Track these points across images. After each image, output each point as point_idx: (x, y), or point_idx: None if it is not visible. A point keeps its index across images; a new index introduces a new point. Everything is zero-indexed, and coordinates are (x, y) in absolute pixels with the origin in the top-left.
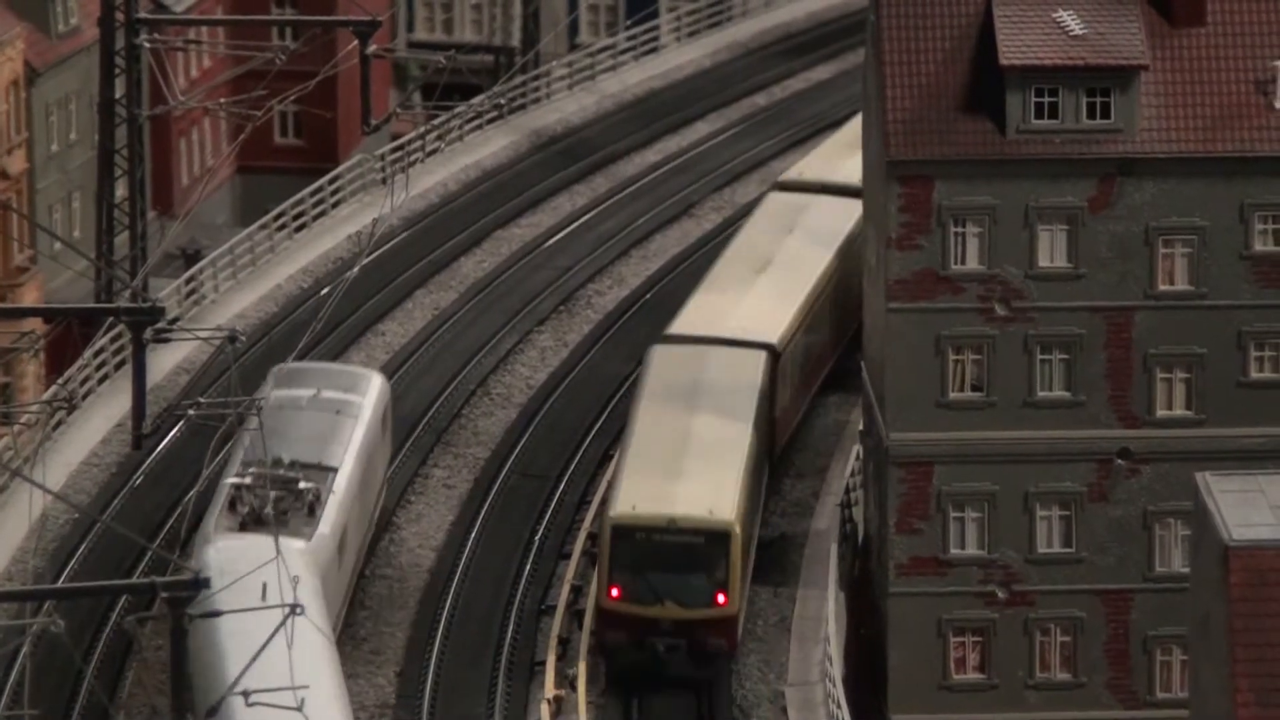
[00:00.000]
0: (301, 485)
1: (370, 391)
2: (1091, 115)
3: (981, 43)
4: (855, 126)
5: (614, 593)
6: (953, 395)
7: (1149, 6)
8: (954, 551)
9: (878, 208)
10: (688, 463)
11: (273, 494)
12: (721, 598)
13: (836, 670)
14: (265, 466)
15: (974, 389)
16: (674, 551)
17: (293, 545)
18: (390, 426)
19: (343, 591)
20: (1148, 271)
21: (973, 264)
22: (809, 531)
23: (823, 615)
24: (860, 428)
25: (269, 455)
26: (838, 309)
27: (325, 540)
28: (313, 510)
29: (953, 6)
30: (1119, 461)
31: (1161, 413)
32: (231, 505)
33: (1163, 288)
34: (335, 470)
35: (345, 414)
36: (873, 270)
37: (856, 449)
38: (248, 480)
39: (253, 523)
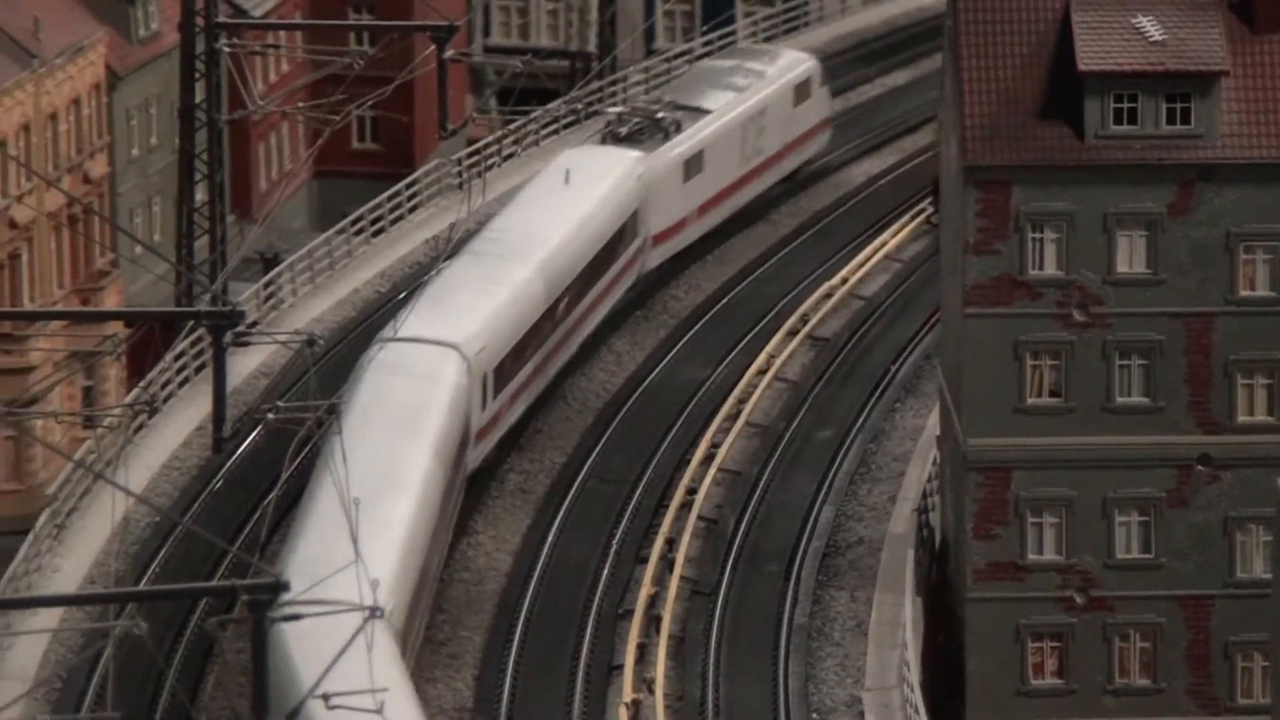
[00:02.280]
0: (660, 115)
1: (789, 68)
2: (1171, 121)
3: (1060, 48)
4: None
5: None
6: (1031, 401)
7: (1230, 12)
8: (1032, 557)
9: (955, 213)
10: None
11: (635, 119)
12: None
13: (914, 675)
14: (645, 104)
15: (1052, 394)
16: None
17: (630, 155)
18: (819, 100)
19: (690, 203)
20: (1228, 277)
21: (1051, 269)
22: (886, 536)
23: (900, 620)
24: (937, 433)
25: (656, 98)
26: None
27: (664, 156)
28: (667, 136)
29: (1031, 12)
30: (1199, 467)
31: (1242, 419)
32: (606, 126)
33: (1243, 293)
34: (709, 112)
35: (752, 76)
36: (949, 274)
37: (934, 454)
38: (621, 109)
39: (610, 139)
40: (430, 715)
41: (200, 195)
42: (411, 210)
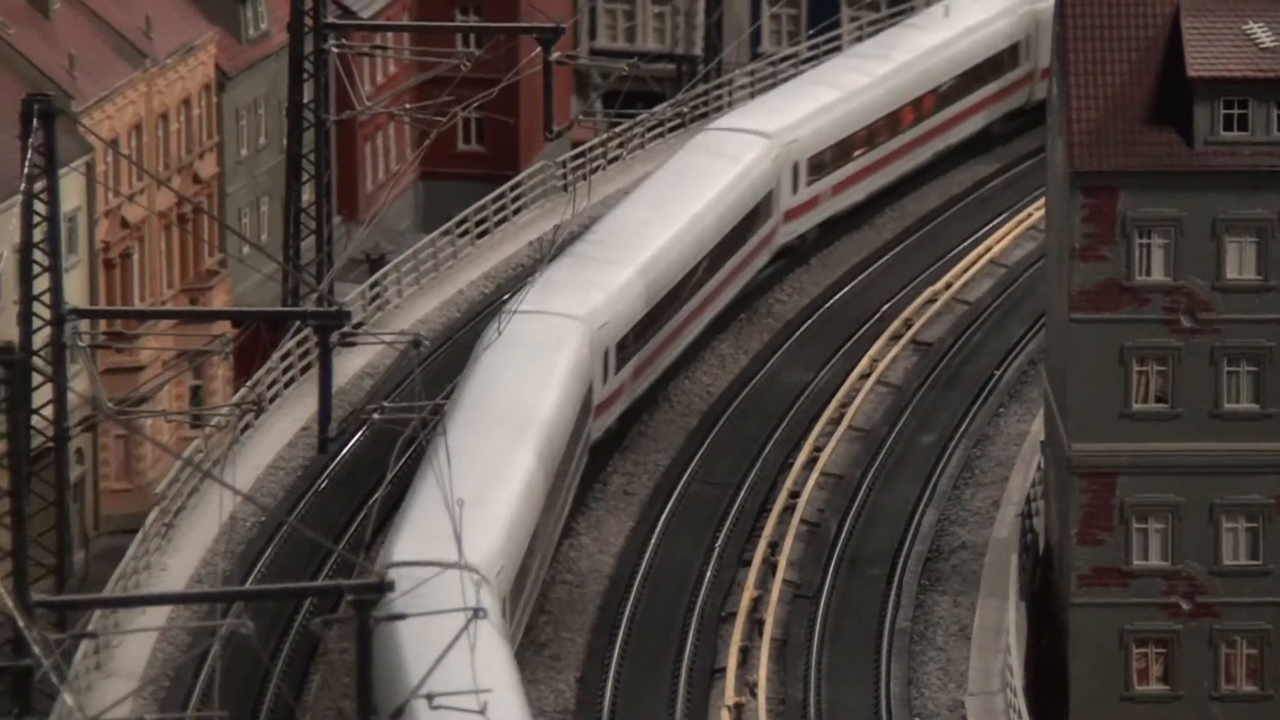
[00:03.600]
0: None
1: None
2: None
3: (1169, 54)
4: None
5: None
6: (1136, 406)
7: None
8: (1137, 563)
9: (1061, 218)
10: None
11: None
12: None
13: (1017, 680)
14: None
15: (1158, 400)
16: None
17: None
18: None
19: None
20: None
21: (1158, 275)
22: (989, 541)
23: (1003, 625)
24: (1042, 438)
25: None
26: None
27: None
28: None
29: (1140, 17)
30: None
31: None
32: None
33: None
34: None
35: None
36: (1055, 279)
37: (1038, 459)
38: None
39: None
40: (533, 716)
41: (307, 196)
42: (516, 212)
